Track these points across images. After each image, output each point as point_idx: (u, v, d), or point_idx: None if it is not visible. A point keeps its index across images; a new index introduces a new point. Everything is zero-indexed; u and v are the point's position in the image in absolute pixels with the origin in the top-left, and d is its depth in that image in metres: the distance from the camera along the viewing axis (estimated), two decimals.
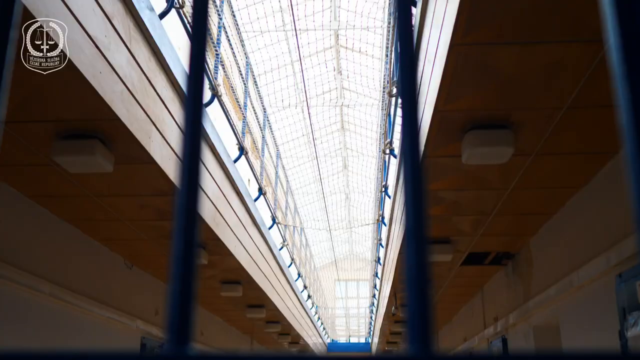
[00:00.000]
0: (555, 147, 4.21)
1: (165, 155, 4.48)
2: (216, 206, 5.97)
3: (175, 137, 4.60)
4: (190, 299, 0.54)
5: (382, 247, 11.77)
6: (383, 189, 9.87)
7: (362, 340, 34.36)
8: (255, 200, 8.46)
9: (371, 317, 26.09)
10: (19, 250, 5.11)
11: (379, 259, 13.90)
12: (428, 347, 0.52)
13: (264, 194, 8.98)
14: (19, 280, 4.99)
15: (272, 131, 11.05)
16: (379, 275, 13.90)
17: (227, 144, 6.60)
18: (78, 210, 5.58)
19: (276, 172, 10.99)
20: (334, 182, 28.77)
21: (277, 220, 10.51)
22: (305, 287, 17.02)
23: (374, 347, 24.64)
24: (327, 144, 25.15)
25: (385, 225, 10.83)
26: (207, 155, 5.58)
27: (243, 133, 7.54)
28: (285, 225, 11.93)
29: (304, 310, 16.11)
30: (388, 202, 9.76)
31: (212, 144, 5.68)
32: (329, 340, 30.95)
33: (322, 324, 24.40)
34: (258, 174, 8.78)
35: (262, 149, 9.25)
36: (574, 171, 4.67)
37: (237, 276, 8.17)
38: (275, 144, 11.52)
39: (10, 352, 0.44)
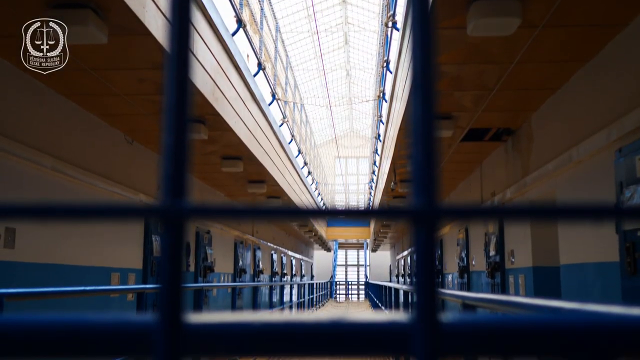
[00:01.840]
0: (564, 18, 4.07)
1: (161, 26, 4.35)
2: (215, 80, 5.88)
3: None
4: (184, 151, 0.52)
5: (383, 124, 11.76)
6: (384, 65, 9.69)
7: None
8: (255, 75, 8.32)
9: (370, 193, 26.61)
10: (20, 125, 5.09)
11: (379, 135, 13.94)
12: (433, 200, 0.51)
13: (263, 69, 8.82)
14: (21, 154, 5.01)
15: (271, 3, 10.68)
16: (379, 152, 14.00)
17: (224, 16, 6.39)
18: (75, 85, 5.50)
19: (275, 47, 10.75)
20: (334, 59, 28.27)
21: (277, 97, 10.41)
22: (305, 163, 17.21)
23: (372, 223, 25.34)
24: (328, 18, 24.44)
25: (386, 101, 10.75)
26: (204, 28, 5.42)
27: (241, 5, 7.28)
28: (285, 102, 11.85)
29: (304, 186, 16.39)
30: (389, 78, 9.62)
31: (209, 15, 5.49)
32: None
33: (322, 199, 24.92)
34: (257, 48, 8.58)
35: (260, 22, 8.97)
36: (581, 44, 4.55)
37: (237, 152, 8.21)
38: (275, 17, 11.17)
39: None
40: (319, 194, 23.33)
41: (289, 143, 12.76)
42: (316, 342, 0.59)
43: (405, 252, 21.59)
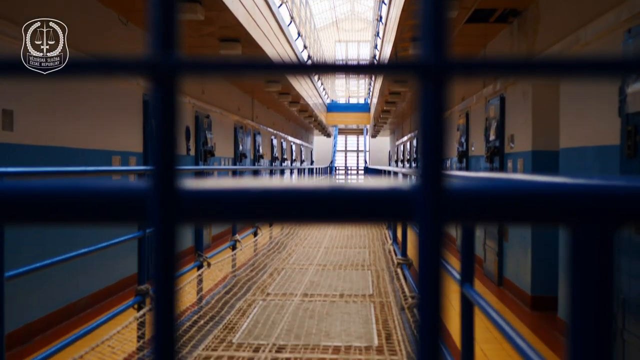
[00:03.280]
0: None
1: None
2: None
3: None
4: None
5: (385, 4, 11.37)
6: None
7: (362, 101, 35.04)
8: None
9: (371, 78, 26.26)
10: (12, 4, 4.91)
11: (380, 17, 13.53)
12: (442, 53, 0.47)
13: None
14: (11, 34, 4.87)
15: None
16: (380, 35, 13.66)
17: None
18: None
19: None
20: None
21: None
22: (305, 47, 16.84)
23: (372, 108, 25.20)
24: None
25: None
26: None
27: None
28: None
29: None
30: None
31: None
32: (328, 101, 31.55)
33: (322, 84, 24.64)
34: None
35: None
36: None
37: (235, 33, 8.00)
38: None
39: None
40: (318, 79, 23.03)
41: (288, 25, 12.41)
42: (316, 209, 0.57)
43: (405, 138, 21.64)
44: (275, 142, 19.51)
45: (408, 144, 20.71)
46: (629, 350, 3.86)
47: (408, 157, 20.57)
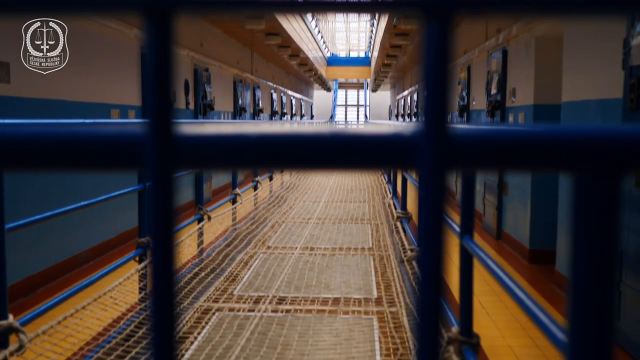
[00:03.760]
0: None
1: None
2: None
3: None
4: None
5: None
6: None
7: (362, 55, 34.68)
8: None
9: (372, 31, 25.93)
10: None
11: None
12: None
13: None
14: None
15: None
16: None
17: None
18: None
19: None
20: None
21: None
22: None
23: (373, 62, 24.93)
24: None
25: None
26: None
27: None
28: None
29: (303, 22, 15.91)
30: None
31: None
32: (328, 54, 31.22)
33: (322, 37, 24.33)
34: None
35: None
36: None
37: None
38: None
39: None
40: (319, 31, 22.74)
41: None
42: (316, 154, 0.56)
43: (406, 92, 21.48)
44: (275, 96, 19.37)
45: (409, 98, 20.58)
46: (626, 302, 3.91)
47: (409, 112, 20.46)
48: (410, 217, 5.88)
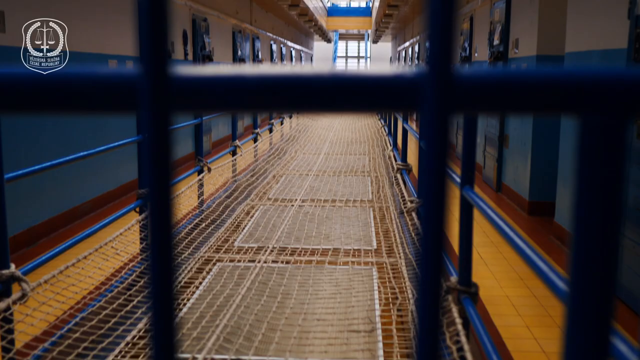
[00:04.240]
0: None
1: None
2: None
3: None
4: None
5: None
6: None
7: (363, 5, 34.14)
8: None
9: None
10: None
11: None
12: None
13: None
14: None
15: None
16: None
17: None
18: None
19: None
20: None
21: None
22: None
23: (374, 12, 24.55)
24: None
25: None
26: None
27: None
28: None
29: None
30: None
31: None
32: (329, 5, 30.73)
33: None
34: None
35: None
36: None
37: None
38: None
39: None
40: None
41: None
42: (316, 96, 0.54)
43: (407, 44, 21.21)
44: (274, 47, 19.13)
45: (410, 49, 20.32)
46: (624, 254, 3.94)
47: (410, 64, 20.24)
48: (410, 168, 5.87)
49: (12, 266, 2.30)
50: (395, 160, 6.63)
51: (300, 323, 2.95)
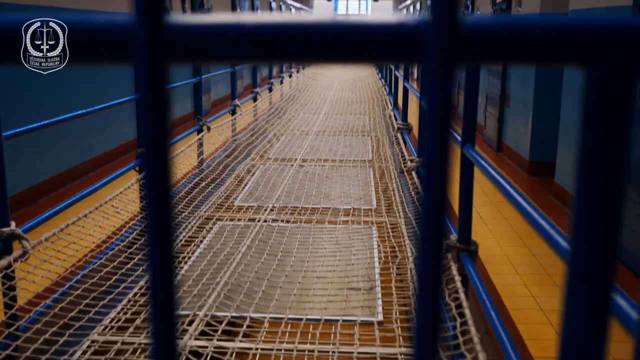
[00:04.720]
0: None
1: None
2: None
3: None
4: None
5: None
6: None
7: None
8: None
9: None
10: None
11: None
12: None
13: None
14: None
15: None
16: None
17: None
18: None
19: None
20: None
21: None
22: None
23: None
24: None
25: None
26: None
27: None
28: None
29: None
30: None
31: None
32: None
33: None
34: None
35: None
36: None
37: None
38: None
39: None
40: None
41: None
42: (316, 45, 0.53)
43: (409, 1, 20.87)
44: (274, 5, 18.84)
45: (412, 7, 20.01)
46: (626, 215, 3.94)
47: None
48: (410, 128, 5.84)
49: (13, 224, 2.30)
50: (396, 120, 6.59)
51: (300, 281, 2.97)
